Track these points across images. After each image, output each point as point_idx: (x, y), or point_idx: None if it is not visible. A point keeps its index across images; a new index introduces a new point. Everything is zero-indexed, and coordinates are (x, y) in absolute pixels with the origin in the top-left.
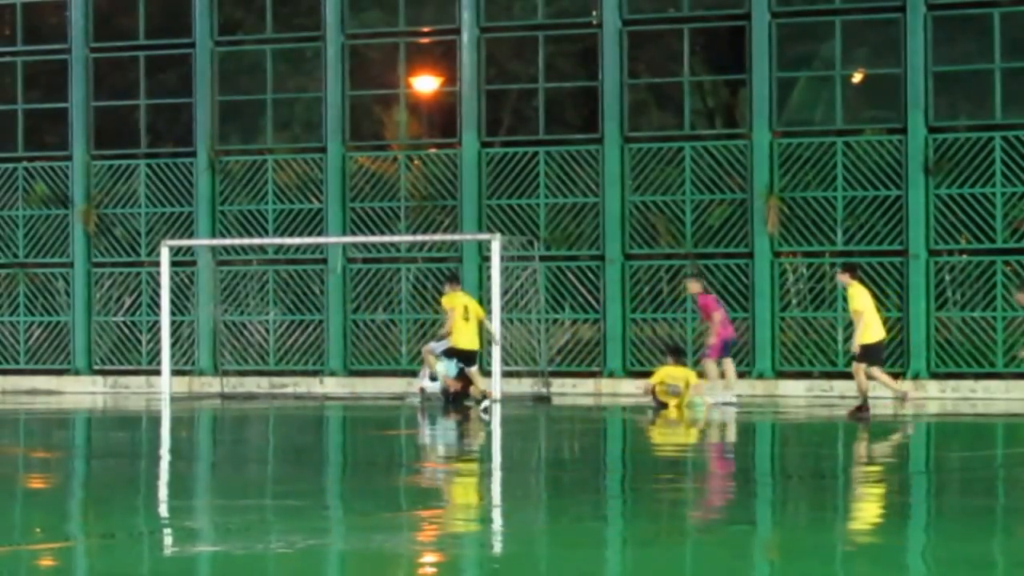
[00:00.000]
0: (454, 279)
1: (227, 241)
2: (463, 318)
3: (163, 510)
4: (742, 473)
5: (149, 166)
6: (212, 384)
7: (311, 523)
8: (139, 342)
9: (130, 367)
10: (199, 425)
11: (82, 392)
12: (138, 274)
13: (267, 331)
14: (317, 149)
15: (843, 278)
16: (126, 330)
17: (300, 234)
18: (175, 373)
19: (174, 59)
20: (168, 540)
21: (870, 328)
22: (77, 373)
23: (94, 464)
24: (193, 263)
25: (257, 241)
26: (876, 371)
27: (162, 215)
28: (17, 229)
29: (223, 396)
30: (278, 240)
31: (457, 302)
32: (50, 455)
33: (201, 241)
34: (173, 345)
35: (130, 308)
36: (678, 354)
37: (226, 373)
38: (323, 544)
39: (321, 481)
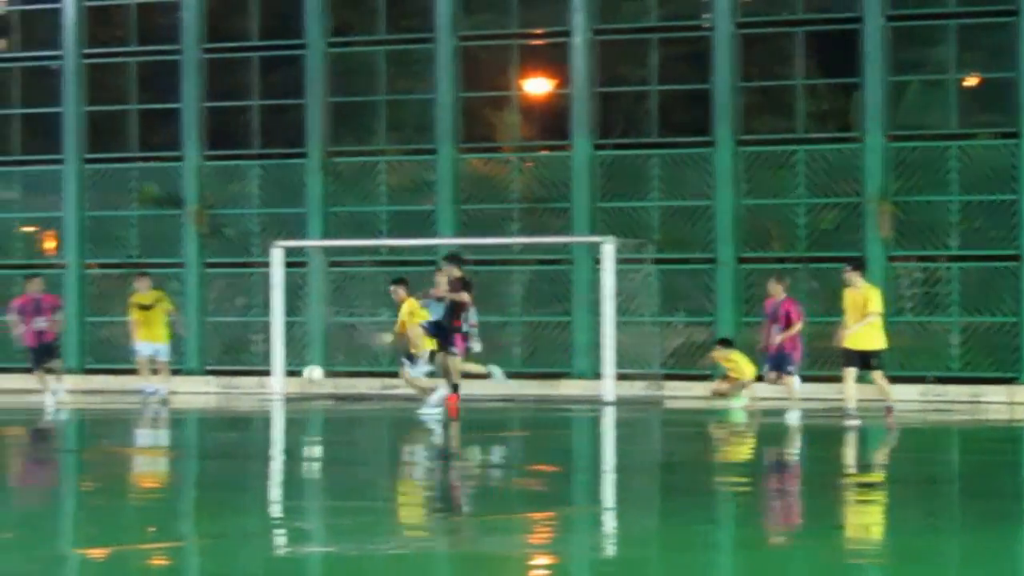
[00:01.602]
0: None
1: (339, 242)
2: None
3: (275, 510)
4: (864, 477)
5: (261, 167)
6: (323, 385)
7: (421, 524)
8: (251, 343)
9: (242, 368)
10: (310, 426)
11: (194, 392)
12: (250, 275)
13: (379, 331)
14: (429, 151)
15: (853, 275)
16: (238, 331)
17: (411, 235)
18: (286, 374)
19: (286, 60)
20: (279, 540)
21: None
22: (189, 373)
23: (206, 464)
24: (305, 264)
25: (368, 242)
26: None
27: (274, 216)
28: (130, 229)
29: (334, 397)
30: (389, 241)
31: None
32: (162, 455)
33: (313, 242)
34: (284, 346)
35: (242, 309)
36: (728, 344)
37: (337, 374)
38: (433, 546)
39: (432, 482)
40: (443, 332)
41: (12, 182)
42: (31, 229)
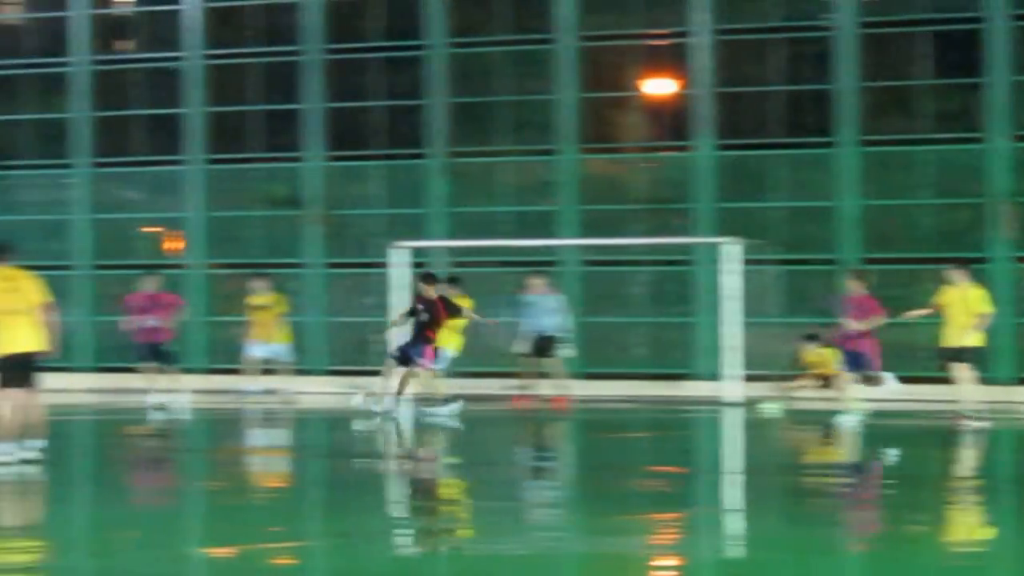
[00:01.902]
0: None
1: (460, 243)
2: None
3: (397, 510)
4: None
5: (383, 168)
6: (450, 386)
7: (547, 524)
8: (372, 343)
9: (363, 368)
10: (432, 426)
11: (317, 392)
12: (371, 276)
13: (501, 332)
14: (550, 151)
15: (956, 273)
16: (359, 331)
17: (533, 236)
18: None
19: (408, 61)
20: (402, 540)
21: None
22: (313, 374)
23: (329, 464)
24: (426, 265)
25: (490, 243)
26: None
27: (395, 217)
28: (252, 230)
29: (459, 398)
30: (511, 242)
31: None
32: (286, 455)
33: (434, 243)
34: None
35: (363, 309)
36: (814, 339)
37: (467, 375)
38: (559, 546)
39: (556, 483)
40: (411, 346)
41: (136, 183)
42: (155, 230)
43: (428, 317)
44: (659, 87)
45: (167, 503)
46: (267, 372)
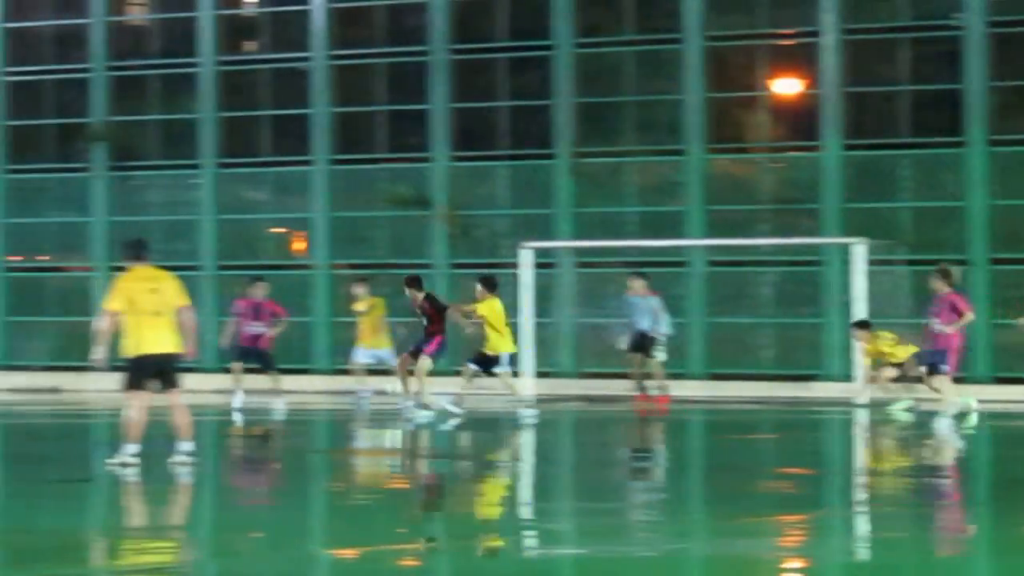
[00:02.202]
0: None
1: (587, 243)
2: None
3: (523, 512)
4: None
5: (509, 168)
6: (572, 386)
7: (672, 526)
8: None
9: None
10: (559, 427)
11: (440, 392)
12: (499, 276)
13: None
14: (677, 151)
15: None
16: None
17: (660, 236)
18: (536, 375)
19: (534, 61)
20: (528, 542)
21: None
22: (442, 375)
23: (453, 466)
24: (553, 265)
25: (617, 243)
26: None
27: (522, 217)
28: (379, 230)
29: (584, 399)
30: (637, 242)
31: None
32: (414, 457)
33: (561, 243)
34: (534, 347)
35: None
36: (866, 326)
37: (587, 375)
38: (685, 548)
39: (681, 484)
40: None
41: (262, 183)
42: (280, 230)
43: (427, 320)
44: (786, 87)
45: (289, 504)
46: (374, 374)
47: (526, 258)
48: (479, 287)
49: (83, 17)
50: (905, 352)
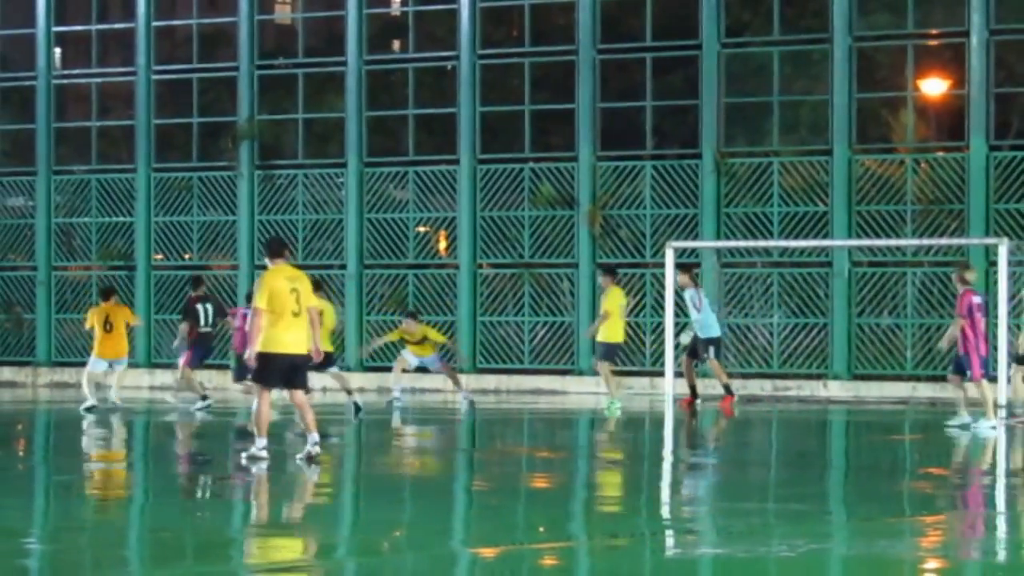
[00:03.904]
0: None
1: (732, 243)
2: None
3: (665, 511)
4: None
5: (655, 167)
6: (711, 386)
7: (814, 527)
8: (643, 343)
9: (634, 368)
10: (701, 427)
11: (585, 392)
12: (642, 275)
13: (771, 334)
14: (823, 151)
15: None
16: (629, 331)
17: (805, 237)
18: (678, 375)
19: (680, 61)
20: (670, 541)
21: None
22: (581, 374)
23: (596, 464)
24: (698, 265)
25: (762, 243)
26: None
27: (667, 216)
28: (523, 229)
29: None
30: (783, 243)
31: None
32: (553, 455)
33: (706, 243)
34: (676, 347)
35: (634, 310)
36: None
37: (729, 375)
38: (825, 548)
39: (824, 485)
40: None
41: (407, 182)
42: (425, 229)
43: None
44: (932, 87)
45: (434, 502)
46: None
47: (670, 258)
48: (603, 277)
49: (230, 16)
50: None
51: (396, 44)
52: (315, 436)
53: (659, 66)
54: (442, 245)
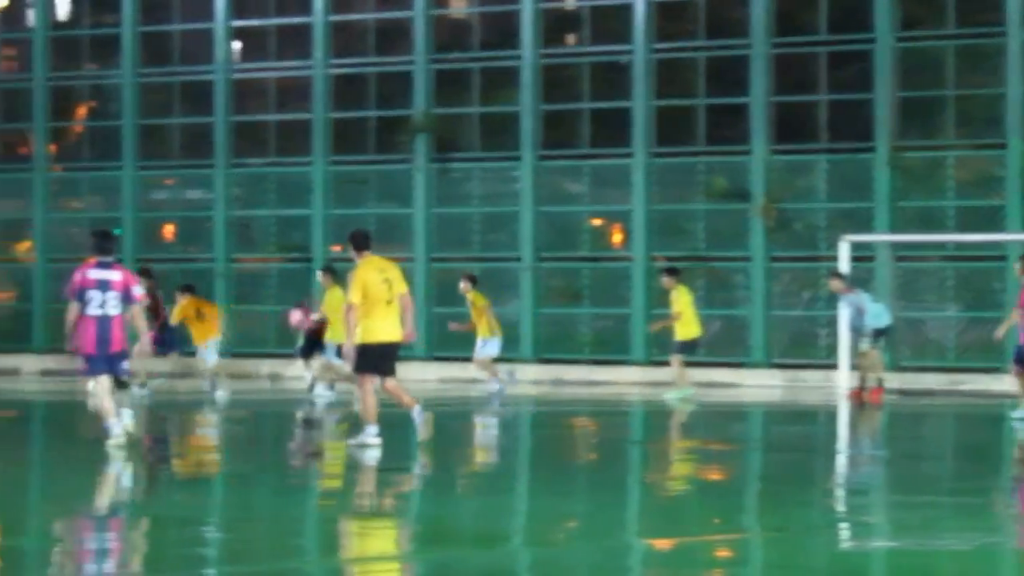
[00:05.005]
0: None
1: (906, 237)
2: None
3: (837, 504)
4: None
5: (828, 161)
6: (890, 380)
7: (987, 522)
8: (817, 336)
9: (807, 361)
10: (873, 421)
11: (759, 385)
12: (816, 269)
13: (946, 328)
14: (998, 145)
15: None
16: (803, 325)
17: (979, 231)
18: (853, 368)
19: (854, 54)
20: (842, 534)
21: None
22: (755, 367)
23: (769, 457)
24: (872, 258)
25: (936, 238)
26: None
27: (840, 210)
28: (697, 223)
29: (901, 392)
30: (958, 237)
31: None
32: (727, 447)
33: (880, 236)
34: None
35: (808, 303)
36: None
37: (903, 369)
38: (999, 542)
39: (998, 479)
40: None
41: (581, 175)
42: (599, 222)
43: None
44: None
45: (606, 494)
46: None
47: (844, 251)
48: (666, 278)
49: (406, 10)
50: None
51: (571, 38)
52: (418, 408)
53: (833, 60)
54: (616, 238)
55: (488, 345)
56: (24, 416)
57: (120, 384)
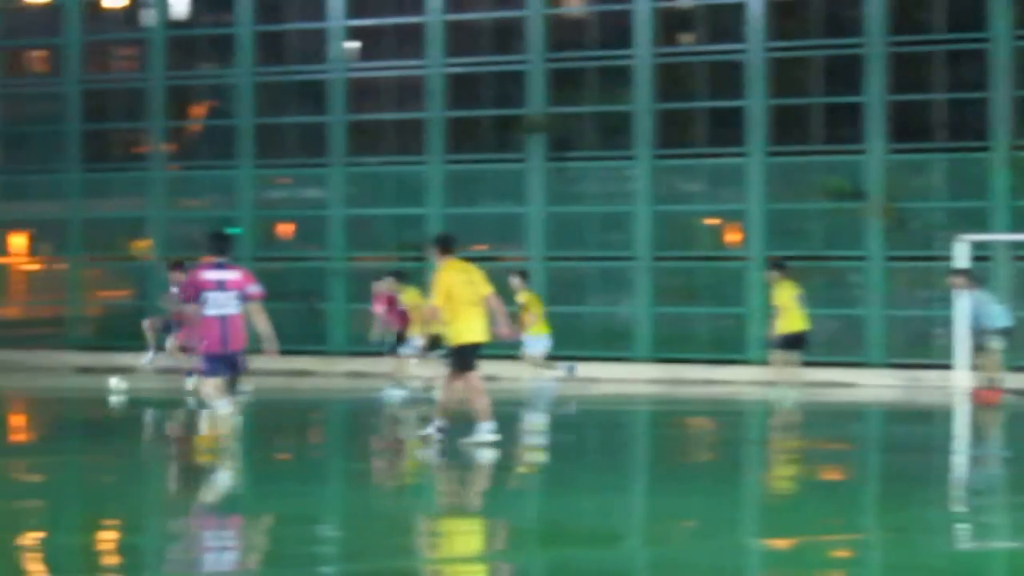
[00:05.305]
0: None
1: (1023, 237)
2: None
3: (957, 505)
4: None
5: (945, 160)
6: (1009, 380)
7: None
8: (934, 336)
9: (925, 361)
10: (994, 421)
11: (876, 385)
12: (933, 268)
13: None
14: None
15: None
16: (920, 325)
17: None
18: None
19: (972, 53)
20: (961, 535)
21: None
22: (871, 366)
23: (888, 457)
24: (989, 258)
25: None
26: None
27: (958, 210)
28: (813, 222)
29: (1019, 393)
30: None
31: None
32: (845, 447)
33: (998, 236)
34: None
35: (926, 302)
36: None
37: (1021, 369)
38: None
39: None
40: None
41: (697, 175)
42: (714, 221)
43: None
44: None
45: (723, 493)
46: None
47: (961, 251)
48: (774, 272)
49: (521, 9)
50: None
51: (686, 37)
52: (488, 425)
53: (950, 58)
54: (732, 237)
55: (540, 342)
56: (136, 414)
57: (234, 381)
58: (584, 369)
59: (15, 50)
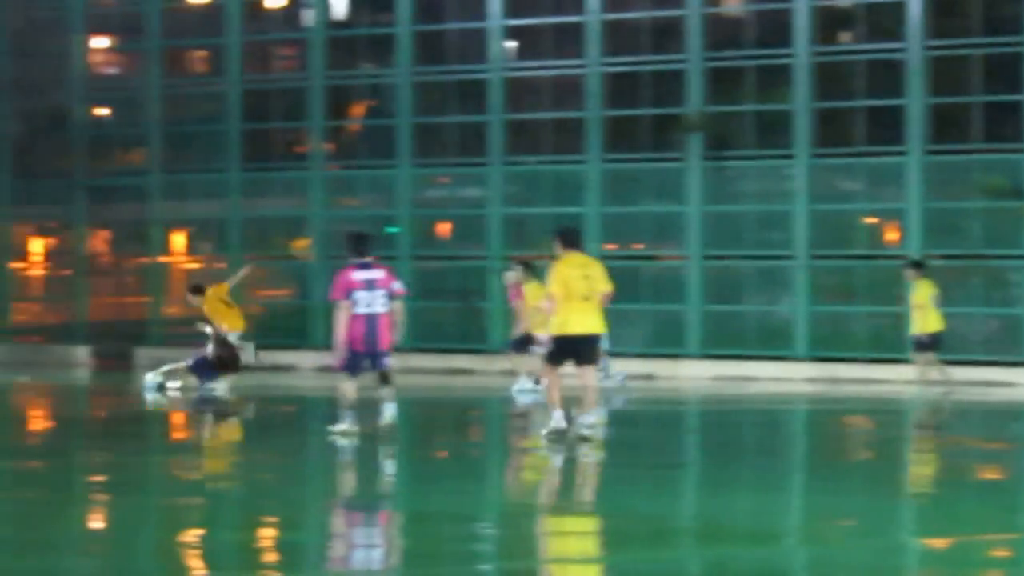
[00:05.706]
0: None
1: None
2: None
3: None
4: None
5: None
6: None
7: None
8: None
9: None
10: None
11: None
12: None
13: None
14: None
15: None
16: None
17: None
18: None
19: None
20: None
21: None
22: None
23: None
24: None
25: None
26: None
27: None
28: (971, 221)
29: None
30: None
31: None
32: (1005, 447)
33: None
34: None
35: None
36: None
37: None
38: None
39: None
40: None
41: (856, 173)
42: (873, 220)
43: None
44: None
45: (882, 492)
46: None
47: None
48: (911, 271)
49: (680, 9)
50: None
51: (845, 35)
52: (590, 418)
53: None
54: (890, 236)
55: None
56: (296, 411)
57: (384, 379)
58: (741, 368)
59: (177, 50)
